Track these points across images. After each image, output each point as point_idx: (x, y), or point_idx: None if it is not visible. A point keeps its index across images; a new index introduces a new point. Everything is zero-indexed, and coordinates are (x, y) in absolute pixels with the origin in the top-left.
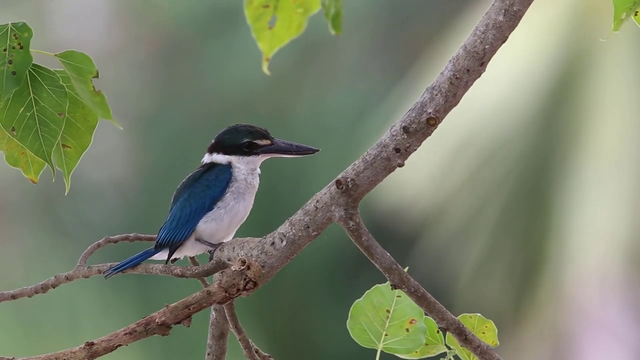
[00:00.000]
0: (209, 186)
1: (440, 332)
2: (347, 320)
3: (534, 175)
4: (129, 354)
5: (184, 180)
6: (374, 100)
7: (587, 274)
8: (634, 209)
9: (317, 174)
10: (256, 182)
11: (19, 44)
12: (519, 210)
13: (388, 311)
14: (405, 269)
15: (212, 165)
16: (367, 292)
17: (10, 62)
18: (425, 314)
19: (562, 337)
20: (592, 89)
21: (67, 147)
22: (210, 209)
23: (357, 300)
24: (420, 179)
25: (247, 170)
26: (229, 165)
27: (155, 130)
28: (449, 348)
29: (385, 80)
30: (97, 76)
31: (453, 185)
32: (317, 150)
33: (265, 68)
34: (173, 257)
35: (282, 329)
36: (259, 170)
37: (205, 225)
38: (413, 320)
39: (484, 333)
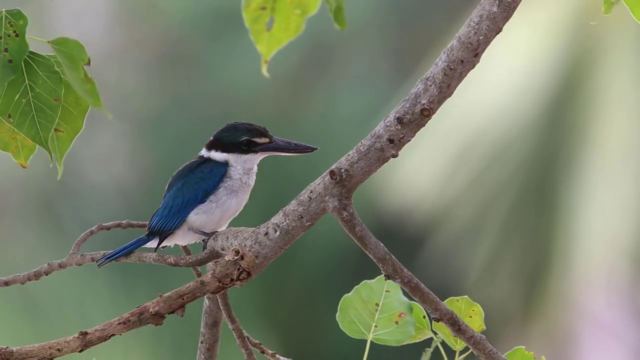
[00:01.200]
0: (203, 179)
1: (427, 317)
2: (337, 314)
3: (540, 176)
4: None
5: (180, 168)
6: (381, 103)
7: (592, 274)
8: None
9: None
10: (252, 181)
11: (14, 31)
12: (525, 211)
13: (377, 304)
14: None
15: (209, 160)
16: (355, 287)
17: (6, 50)
18: (412, 300)
19: (568, 337)
20: (596, 90)
21: (60, 131)
22: (202, 201)
23: (345, 295)
24: (426, 180)
25: (243, 169)
26: (225, 164)
27: (158, 132)
28: (435, 334)
29: (394, 83)
30: (88, 63)
31: (459, 187)
32: (316, 149)
33: (264, 70)
34: (163, 244)
35: (287, 324)
36: (255, 169)
37: (196, 217)
38: (402, 313)
39: (471, 317)
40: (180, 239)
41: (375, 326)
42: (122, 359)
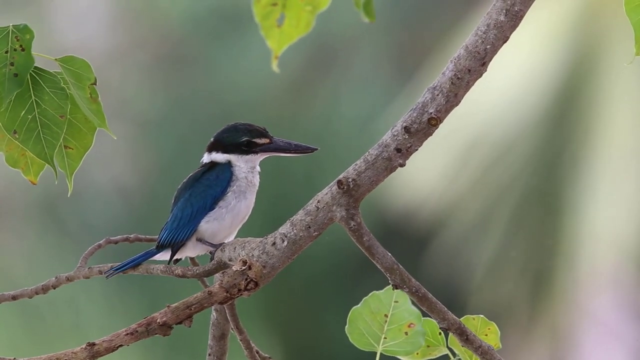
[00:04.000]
0: (210, 186)
1: (442, 334)
2: (346, 326)
3: (544, 175)
4: (131, 351)
5: (185, 180)
6: (384, 104)
7: (597, 275)
8: None
9: (327, 178)
10: (257, 180)
11: (21, 46)
12: (529, 211)
13: (386, 315)
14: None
15: (212, 165)
16: (364, 298)
17: (12, 64)
18: (427, 315)
19: (572, 337)
20: (600, 90)
21: (69, 148)
22: (211, 208)
23: (354, 307)
24: (431, 179)
25: (247, 168)
26: (229, 164)
27: (160, 133)
28: (450, 350)
29: (397, 84)
30: (95, 83)
31: (464, 186)
32: (316, 149)
33: (274, 66)
34: (175, 257)
35: (288, 326)
36: (258, 169)
37: (207, 225)
38: (412, 324)
39: (486, 335)
40: (191, 250)
41: (385, 338)
42: None
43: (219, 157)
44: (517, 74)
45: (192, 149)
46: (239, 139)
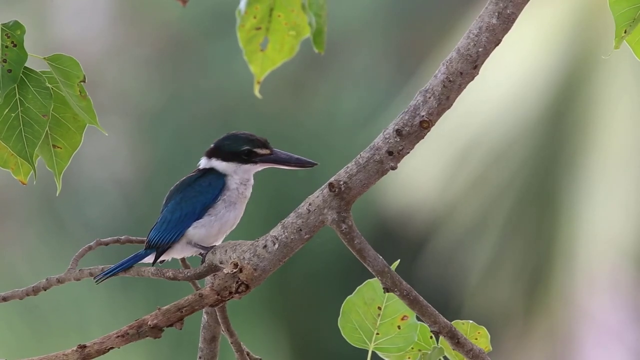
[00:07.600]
0: (201, 192)
1: (433, 337)
2: (339, 318)
3: (542, 176)
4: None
5: (177, 182)
6: (383, 100)
7: (594, 275)
8: None
9: (328, 176)
10: (248, 192)
11: (12, 42)
12: (527, 212)
13: (379, 308)
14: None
15: (207, 172)
16: (358, 287)
17: (5, 61)
18: (419, 319)
19: (570, 338)
20: (598, 90)
21: (58, 147)
22: (200, 215)
23: (348, 297)
24: (428, 181)
25: (240, 179)
26: (223, 173)
27: (158, 128)
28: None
29: (396, 80)
30: (84, 81)
31: (461, 188)
32: (316, 164)
33: (256, 91)
34: (161, 259)
35: (296, 324)
36: (252, 181)
37: (195, 231)
38: (405, 316)
39: (476, 339)
40: (179, 252)
41: (377, 334)
42: None
43: (217, 164)
44: (514, 75)
45: (189, 143)
46: (240, 147)
